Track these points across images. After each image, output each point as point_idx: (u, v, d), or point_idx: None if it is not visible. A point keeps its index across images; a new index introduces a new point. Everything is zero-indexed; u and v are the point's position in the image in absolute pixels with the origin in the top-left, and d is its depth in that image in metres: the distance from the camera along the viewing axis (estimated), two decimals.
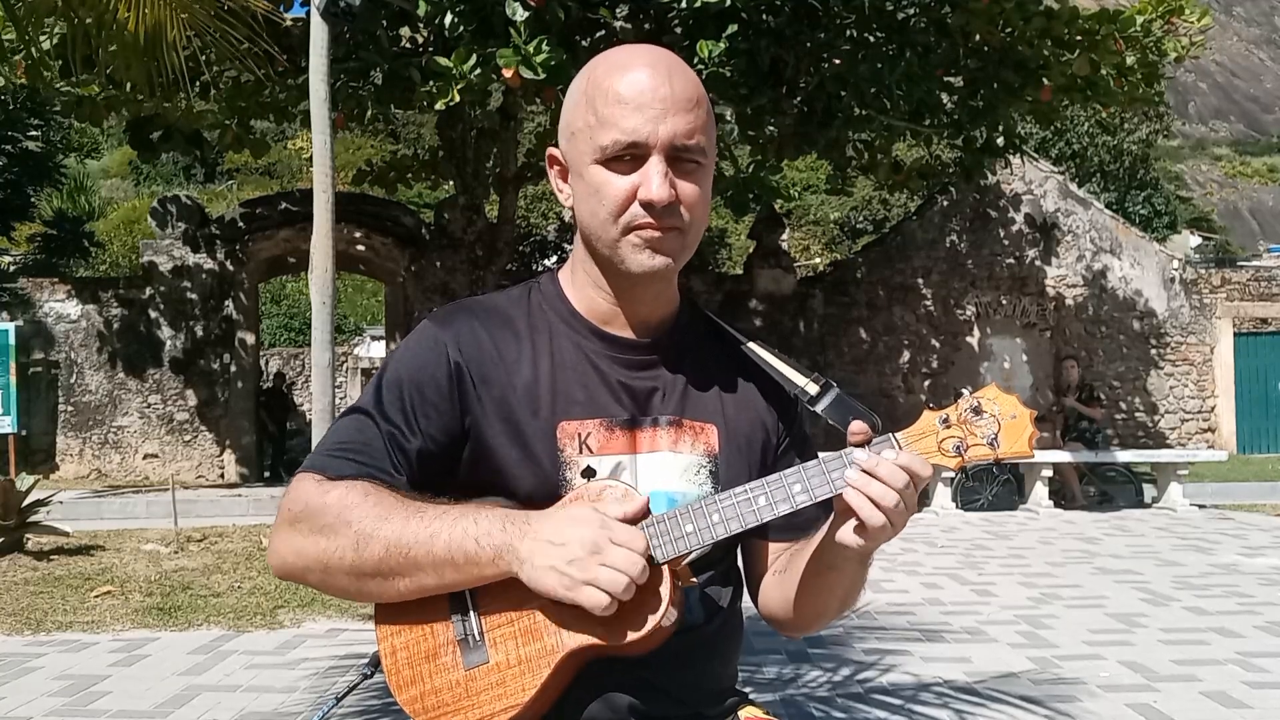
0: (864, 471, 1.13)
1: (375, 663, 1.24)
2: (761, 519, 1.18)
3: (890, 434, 1.19)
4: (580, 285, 1.32)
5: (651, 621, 1.16)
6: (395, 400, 1.25)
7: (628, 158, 1.20)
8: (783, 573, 1.35)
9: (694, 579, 1.28)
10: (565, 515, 1.14)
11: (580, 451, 1.26)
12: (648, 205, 1.19)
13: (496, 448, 1.25)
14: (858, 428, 1.19)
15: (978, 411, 1.19)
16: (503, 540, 1.13)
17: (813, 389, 1.29)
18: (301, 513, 1.20)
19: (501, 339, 1.29)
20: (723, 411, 1.34)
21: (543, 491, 1.23)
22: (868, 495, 1.12)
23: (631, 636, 1.15)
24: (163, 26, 4.17)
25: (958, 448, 1.19)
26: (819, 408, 1.28)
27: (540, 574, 1.11)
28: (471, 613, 1.19)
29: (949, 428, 1.19)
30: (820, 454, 1.23)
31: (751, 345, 1.36)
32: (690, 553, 1.19)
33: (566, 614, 1.17)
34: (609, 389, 1.29)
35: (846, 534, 1.16)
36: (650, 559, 1.15)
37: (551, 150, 1.31)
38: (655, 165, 1.19)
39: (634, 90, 1.19)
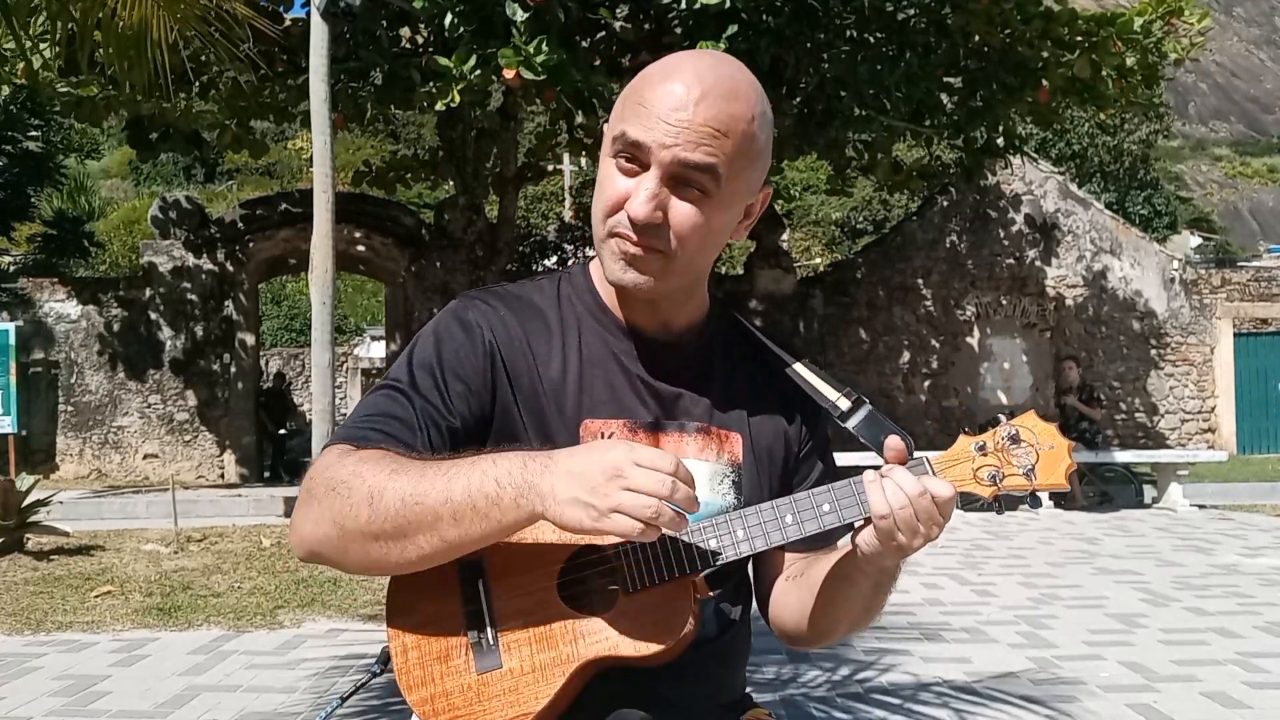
0: (905, 494, 1.10)
1: (385, 659, 1.22)
2: (788, 538, 1.16)
3: (924, 457, 1.16)
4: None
5: (671, 633, 1.14)
6: (428, 377, 1.21)
7: (635, 161, 1.17)
8: (797, 579, 1.32)
9: (710, 592, 1.27)
10: (586, 447, 1.09)
11: None
12: (629, 218, 1.16)
13: (520, 440, 1.23)
14: (894, 444, 1.15)
15: (1015, 440, 1.15)
16: (524, 479, 1.05)
17: (844, 404, 1.25)
18: (319, 479, 1.14)
19: (532, 331, 1.27)
20: (748, 420, 1.31)
21: None
22: (895, 522, 1.10)
23: (650, 648, 1.14)
24: (148, 24, 4.17)
25: (993, 477, 1.15)
26: (850, 424, 1.24)
27: (564, 508, 1.03)
28: (486, 615, 1.17)
29: (985, 455, 1.16)
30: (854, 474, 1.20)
31: (783, 355, 1.33)
32: (712, 567, 1.18)
33: (583, 622, 1.16)
34: (634, 390, 1.27)
35: (861, 536, 1.14)
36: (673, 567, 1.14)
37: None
38: (647, 180, 1.15)
39: (658, 100, 1.14)
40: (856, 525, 1.16)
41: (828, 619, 1.27)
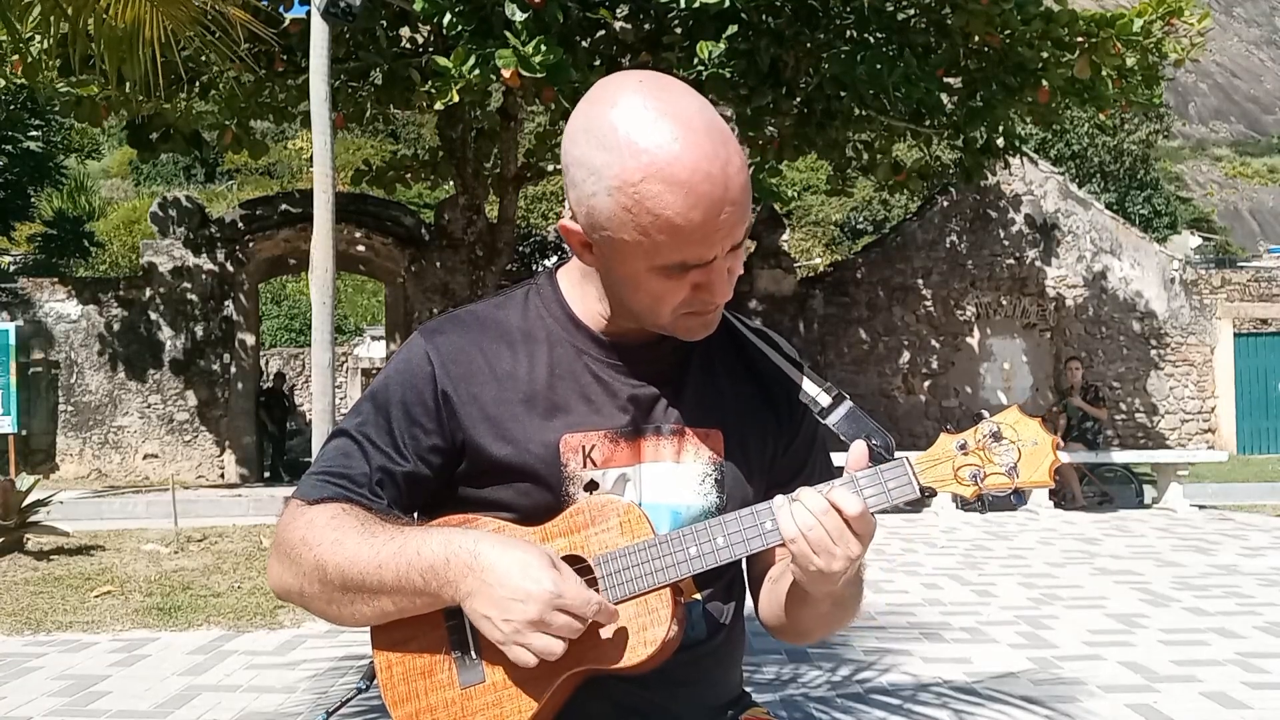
0: (811, 513, 1.10)
1: (371, 675, 1.22)
2: (751, 550, 1.15)
3: (905, 458, 1.15)
4: (588, 298, 1.26)
5: (653, 642, 1.13)
6: (383, 423, 1.22)
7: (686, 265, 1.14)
8: (775, 582, 1.31)
9: (696, 594, 1.25)
10: (520, 568, 1.09)
11: (584, 465, 1.22)
12: (718, 303, 1.18)
13: (496, 464, 1.21)
14: (856, 449, 1.15)
15: (997, 437, 1.14)
16: (445, 577, 1.11)
17: (824, 400, 1.24)
18: (280, 540, 1.21)
19: (494, 353, 1.24)
20: (729, 416, 1.28)
21: (545, 507, 1.20)
22: (807, 544, 1.09)
23: (633, 659, 1.13)
24: (141, 24, 4.16)
25: (975, 476, 1.14)
26: (830, 421, 1.23)
27: (478, 618, 1.10)
28: (468, 629, 1.16)
29: (966, 454, 1.14)
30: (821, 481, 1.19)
31: (762, 346, 1.31)
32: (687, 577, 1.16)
33: None
34: (611, 398, 1.24)
35: (791, 563, 1.14)
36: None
37: (566, 227, 1.19)
38: (720, 269, 1.14)
39: (695, 221, 1.08)
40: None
41: (800, 628, 1.29)
